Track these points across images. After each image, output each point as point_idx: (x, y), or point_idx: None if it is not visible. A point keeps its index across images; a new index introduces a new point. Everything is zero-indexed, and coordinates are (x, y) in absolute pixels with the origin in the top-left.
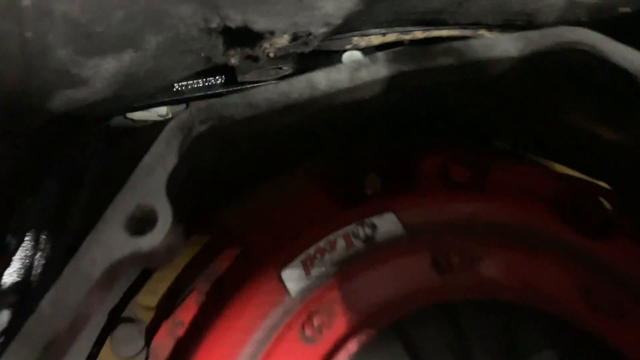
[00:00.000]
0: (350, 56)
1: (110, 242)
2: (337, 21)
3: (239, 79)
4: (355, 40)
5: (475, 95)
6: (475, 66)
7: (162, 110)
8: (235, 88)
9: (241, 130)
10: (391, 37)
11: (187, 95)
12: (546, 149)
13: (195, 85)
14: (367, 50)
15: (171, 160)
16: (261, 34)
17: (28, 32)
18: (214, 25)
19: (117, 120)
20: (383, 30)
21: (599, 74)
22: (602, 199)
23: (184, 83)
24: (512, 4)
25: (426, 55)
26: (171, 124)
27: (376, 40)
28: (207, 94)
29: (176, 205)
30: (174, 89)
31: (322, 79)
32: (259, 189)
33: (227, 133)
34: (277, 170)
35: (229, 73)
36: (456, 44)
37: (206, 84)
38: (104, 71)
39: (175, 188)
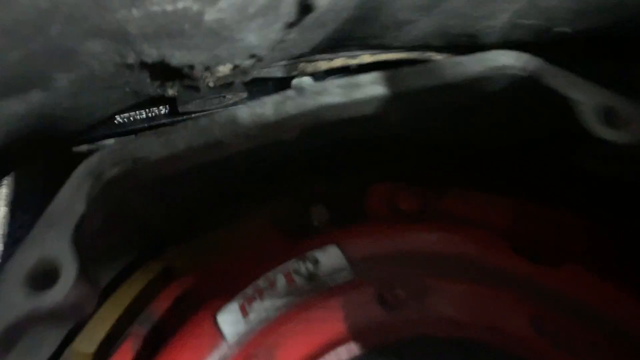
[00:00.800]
0: (300, 82)
1: (7, 301)
2: (264, 52)
3: (180, 109)
4: (302, 66)
5: (419, 120)
6: (406, 96)
7: (110, 142)
8: (180, 118)
9: (160, 171)
10: (338, 62)
11: (129, 127)
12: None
13: (138, 117)
14: (317, 75)
15: (79, 209)
16: (179, 68)
17: None
18: (130, 60)
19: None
20: (329, 56)
21: (532, 96)
22: (559, 225)
23: (126, 115)
24: (452, 27)
25: (353, 87)
26: (79, 168)
27: (323, 65)
28: (151, 125)
29: (90, 255)
30: (116, 122)
31: (246, 114)
32: (202, 225)
33: (145, 174)
34: (220, 204)
35: (174, 103)
36: (386, 72)
37: (150, 114)
38: (11, 112)
39: (88, 238)
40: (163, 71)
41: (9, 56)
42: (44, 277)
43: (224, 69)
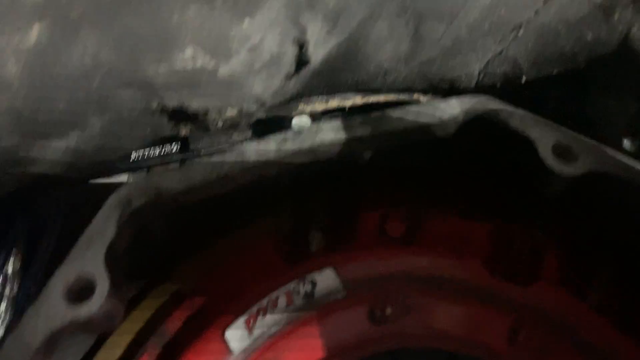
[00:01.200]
0: (299, 121)
1: (50, 312)
2: (267, 98)
3: (192, 147)
4: (301, 106)
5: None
6: (389, 135)
7: (123, 176)
8: (190, 155)
9: (179, 201)
10: (333, 103)
11: (144, 164)
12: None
13: (152, 154)
14: (315, 115)
15: (110, 233)
16: (195, 113)
17: None
18: (154, 106)
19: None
20: (325, 98)
21: (497, 135)
22: (533, 245)
23: (141, 152)
24: (431, 74)
25: (344, 127)
26: (110, 200)
27: (320, 106)
28: (163, 161)
29: (119, 273)
30: (131, 159)
31: (252, 151)
32: (211, 248)
33: (166, 204)
34: (228, 229)
35: (184, 141)
36: (373, 114)
37: (162, 151)
38: (51, 151)
39: (117, 258)
40: (180, 115)
41: (58, 104)
42: (81, 291)
43: (232, 113)
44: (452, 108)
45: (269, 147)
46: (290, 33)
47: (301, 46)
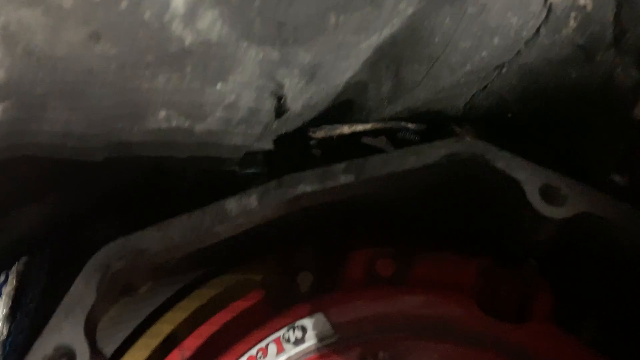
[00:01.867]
0: None
1: None
2: (249, 148)
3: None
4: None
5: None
6: (372, 180)
7: None
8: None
9: (159, 260)
10: (321, 133)
11: None
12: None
13: None
14: None
15: (90, 299)
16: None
17: None
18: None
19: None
20: (313, 129)
21: (483, 177)
22: (523, 284)
23: None
24: (418, 108)
25: (326, 176)
26: (88, 264)
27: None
28: None
29: (102, 336)
30: None
31: (233, 205)
32: (201, 294)
33: (145, 264)
34: (213, 277)
35: None
36: (355, 161)
37: None
38: (26, 215)
39: (97, 321)
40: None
41: (30, 172)
42: None
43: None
44: (438, 152)
45: (251, 200)
46: (267, 88)
47: (280, 98)
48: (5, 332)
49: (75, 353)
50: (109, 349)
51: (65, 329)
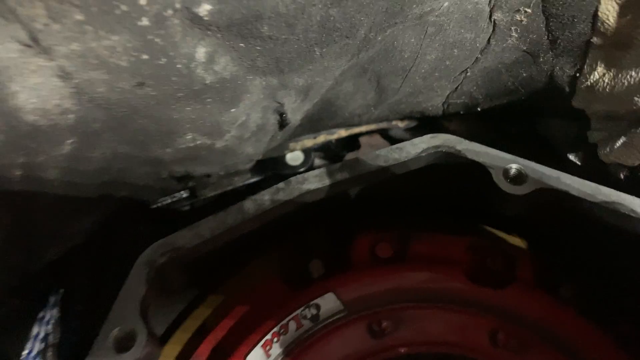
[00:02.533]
0: (293, 156)
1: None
2: (259, 157)
3: (198, 195)
4: (292, 145)
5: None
6: (365, 175)
7: None
8: (198, 199)
9: (193, 254)
10: (321, 138)
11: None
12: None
13: (164, 202)
14: (305, 150)
15: (142, 289)
16: (200, 176)
17: None
18: (164, 176)
19: None
20: (313, 135)
21: (458, 165)
22: (505, 254)
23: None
24: (402, 109)
25: (326, 175)
26: (138, 260)
27: (309, 143)
28: (176, 207)
29: (151, 321)
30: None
31: (250, 205)
32: (226, 286)
33: (184, 259)
34: (239, 268)
35: (192, 189)
36: (348, 161)
37: (173, 199)
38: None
39: (150, 308)
40: (186, 178)
41: (87, 188)
42: (125, 341)
43: (230, 170)
44: (417, 147)
45: (264, 199)
46: (270, 107)
47: (281, 114)
48: (58, 335)
49: (135, 332)
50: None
51: (125, 314)
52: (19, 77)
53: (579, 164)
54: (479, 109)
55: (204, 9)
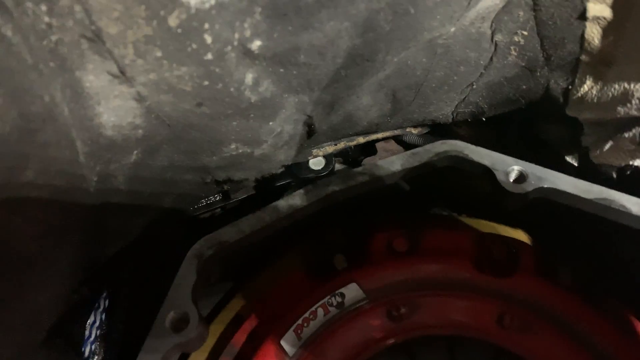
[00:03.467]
0: (315, 161)
1: (159, 340)
2: (289, 162)
3: (232, 197)
4: (315, 151)
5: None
6: (385, 176)
7: None
8: (230, 201)
9: (235, 248)
10: (341, 145)
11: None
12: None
13: (201, 204)
14: (327, 156)
15: (192, 279)
16: (238, 181)
17: None
18: (207, 180)
19: None
20: (334, 142)
21: (465, 167)
22: (509, 246)
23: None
24: (415, 119)
25: (348, 178)
26: (189, 253)
27: (330, 149)
28: (210, 209)
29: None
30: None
31: (284, 204)
32: (258, 278)
33: (227, 252)
34: (270, 259)
35: (226, 193)
36: (368, 165)
37: (208, 201)
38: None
39: (199, 295)
40: (226, 182)
41: (152, 191)
42: (180, 322)
43: (264, 175)
44: (430, 152)
45: (296, 200)
46: (300, 120)
47: (310, 125)
48: (105, 325)
49: (189, 316)
50: None
51: (179, 299)
52: (104, 100)
53: (574, 164)
54: (484, 117)
55: (255, 45)
